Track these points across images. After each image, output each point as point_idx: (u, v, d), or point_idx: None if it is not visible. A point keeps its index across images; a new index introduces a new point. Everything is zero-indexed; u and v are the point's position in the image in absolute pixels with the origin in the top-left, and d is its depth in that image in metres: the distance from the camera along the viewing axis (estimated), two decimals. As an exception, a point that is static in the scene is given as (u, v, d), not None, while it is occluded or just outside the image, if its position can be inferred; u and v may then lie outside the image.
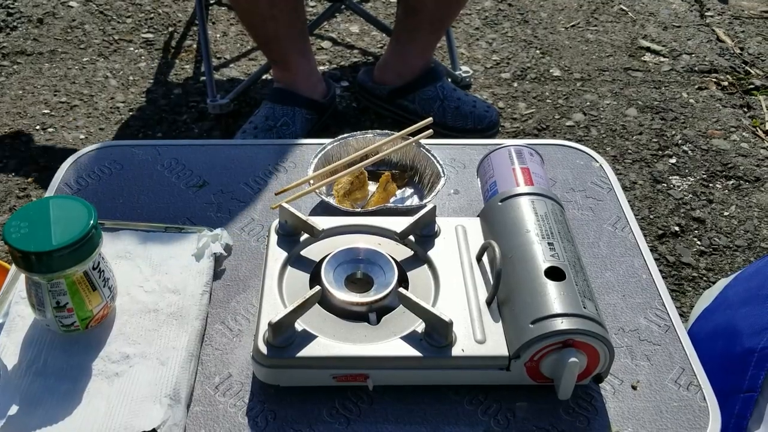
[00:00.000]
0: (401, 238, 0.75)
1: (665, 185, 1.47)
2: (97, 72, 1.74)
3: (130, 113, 1.62)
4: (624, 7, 2.06)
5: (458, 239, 0.76)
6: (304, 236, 0.75)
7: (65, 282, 0.64)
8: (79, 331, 0.68)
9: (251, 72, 1.74)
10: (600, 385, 0.68)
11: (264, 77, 1.68)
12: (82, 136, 1.54)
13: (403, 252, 0.74)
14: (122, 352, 0.68)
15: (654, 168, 1.51)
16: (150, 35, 1.88)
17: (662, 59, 1.86)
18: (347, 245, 0.72)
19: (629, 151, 1.55)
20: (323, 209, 0.84)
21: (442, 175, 0.86)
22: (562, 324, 0.61)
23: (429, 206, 0.75)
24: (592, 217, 0.87)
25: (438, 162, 0.88)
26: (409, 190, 0.90)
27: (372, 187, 0.88)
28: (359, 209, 0.83)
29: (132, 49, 1.83)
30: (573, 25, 1.97)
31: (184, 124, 1.59)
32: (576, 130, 1.60)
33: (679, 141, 1.58)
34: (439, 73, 1.54)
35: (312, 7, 2.00)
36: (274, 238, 0.75)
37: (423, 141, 0.90)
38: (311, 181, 0.84)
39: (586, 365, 0.63)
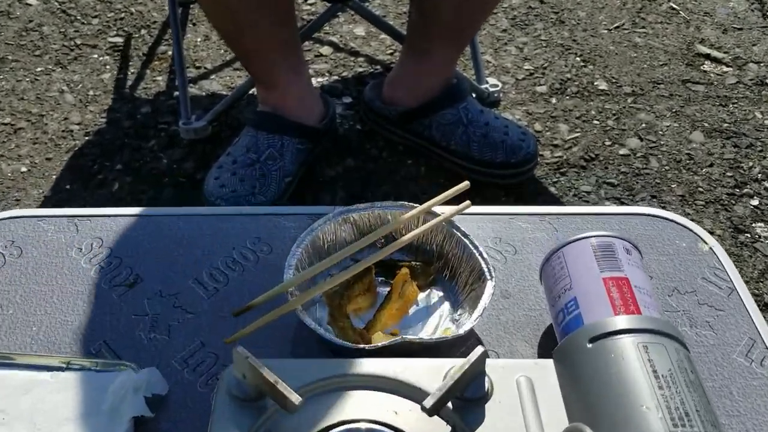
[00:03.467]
0: (432, 412, 0.46)
1: (749, 236, 1.17)
2: (52, 85, 1.45)
3: (86, 138, 1.33)
4: (674, 6, 1.76)
5: (523, 405, 0.47)
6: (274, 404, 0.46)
7: None
8: None
9: (237, 84, 1.45)
10: None
11: (252, 91, 1.39)
12: (24, 169, 1.26)
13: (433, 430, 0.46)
14: None
15: (733, 212, 1.21)
16: (118, 39, 1.59)
17: (726, 69, 1.56)
18: (340, 418, 0.44)
19: (700, 188, 1.25)
20: (305, 337, 0.56)
21: (488, 275, 0.57)
22: None
23: (476, 353, 0.46)
24: (713, 339, 0.58)
25: (478, 251, 0.59)
26: (436, 293, 0.61)
27: (382, 288, 0.60)
28: (362, 330, 0.55)
29: (96, 56, 1.54)
30: (617, 27, 1.68)
31: (150, 152, 1.30)
32: (632, 161, 1.30)
33: (759, 175, 1.28)
34: (462, 92, 1.24)
35: (311, 4, 1.71)
36: (223, 402, 0.46)
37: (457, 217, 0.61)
38: (290, 292, 0.55)
39: None
